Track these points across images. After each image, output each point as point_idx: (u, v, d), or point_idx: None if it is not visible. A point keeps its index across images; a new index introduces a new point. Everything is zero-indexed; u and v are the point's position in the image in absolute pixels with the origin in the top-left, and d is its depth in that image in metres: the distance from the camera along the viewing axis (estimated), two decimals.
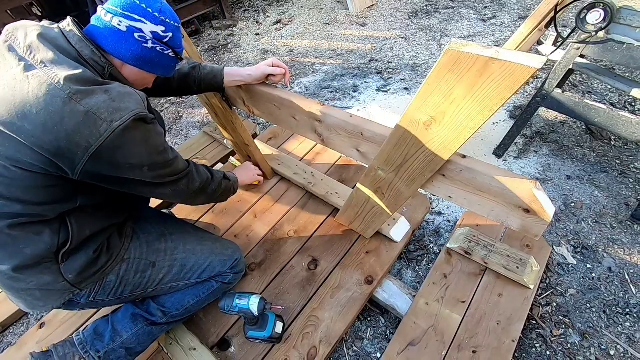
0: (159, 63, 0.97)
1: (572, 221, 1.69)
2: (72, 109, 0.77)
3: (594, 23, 1.33)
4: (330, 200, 1.68)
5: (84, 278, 0.99)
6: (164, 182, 1.00)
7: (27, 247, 0.89)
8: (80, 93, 0.79)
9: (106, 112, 0.80)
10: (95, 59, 0.88)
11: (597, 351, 1.29)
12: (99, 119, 0.79)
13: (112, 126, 0.80)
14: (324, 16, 3.84)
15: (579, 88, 2.40)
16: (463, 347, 1.22)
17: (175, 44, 0.97)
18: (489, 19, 3.22)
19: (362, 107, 2.57)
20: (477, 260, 1.42)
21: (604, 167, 1.90)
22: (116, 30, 0.88)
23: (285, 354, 1.26)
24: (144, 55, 0.93)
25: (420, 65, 2.87)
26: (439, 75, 0.74)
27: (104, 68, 0.90)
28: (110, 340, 1.13)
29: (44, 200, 0.87)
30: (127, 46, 0.90)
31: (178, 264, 1.16)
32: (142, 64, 0.95)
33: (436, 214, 1.80)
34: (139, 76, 0.98)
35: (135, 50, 0.91)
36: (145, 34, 0.90)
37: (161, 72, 1.00)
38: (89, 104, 0.78)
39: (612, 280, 1.47)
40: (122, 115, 0.81)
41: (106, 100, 0.80)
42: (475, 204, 0.93)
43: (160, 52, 0.95)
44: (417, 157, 0.95)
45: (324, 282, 1.44)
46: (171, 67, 1.02)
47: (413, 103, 0.83)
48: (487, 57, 0.65)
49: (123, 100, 0.83)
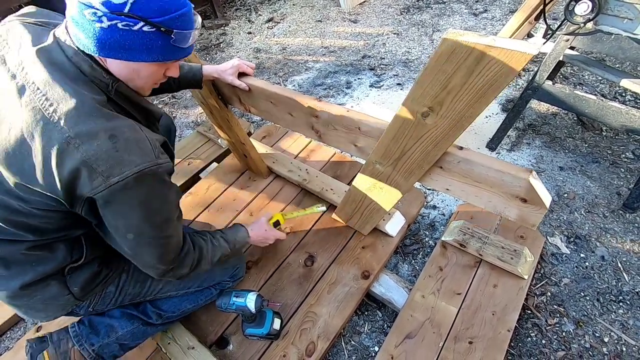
0: (133, 46, 0.70)
1: (565, 211, 1.71)
2: (69, 155, 0.67)
3: (582, 14, 1.33)
4: (325, 196, 1.68)
5: (88, 291, 0.99)
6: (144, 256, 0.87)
7: (39, 264, 0.88)
8: (80, 137, 0.67)
9: (105, 164, 0.68)
10: (96, 74, 0.74)
11: (591, 338, 1.31)
12: (95, 171, 0.68)
13: (107, 182, 0.69)
14: (316, 13, 3.83)
15: (570, 80, 2.41)
16: (459, 338, 1.24)
17: (147, 12, 0.67)
18: (481, 13, 3.23)
19: (355, 104, 2.57)
20: (471, 252, 1.43)
21: (595, 158, 1.92)
22: (72, 16, 0.69)
23: (283, 350, 1.27)
24: (105, 39, 0.69)
25: (413, 60, 2.88)
26: (436, 65, 0.75)
27: (108, 85, 0.76)
28: (106, 335, 1.13)
29: (62, 226, 0.85)
30: (85, 32, 0.69)
31: None
32: (112, 52, 0.71)
33: (431, 208, 1.81)
34: (129, 71, 0.77)
35: (94, 36, 0.68)
36: (95, 7, 0.66)
37: (148, 57, 0.74)
38: (87, 153, 0.67)
39: (605, 269, 1.49)
40: (123, 170, 0.69)
41: (108, 150, 0.68)
42: (473, 195, 0.94)
43: (125, 30, 0.68)
44: (415, 149, 0.95)
45: (320, 278, 1.45)
46: (160, 48, 0.73)
47: (410, 94, 0.84)
48: (484, 45, 0.66)
49: (129, 151, 0.70)
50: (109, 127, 0.70)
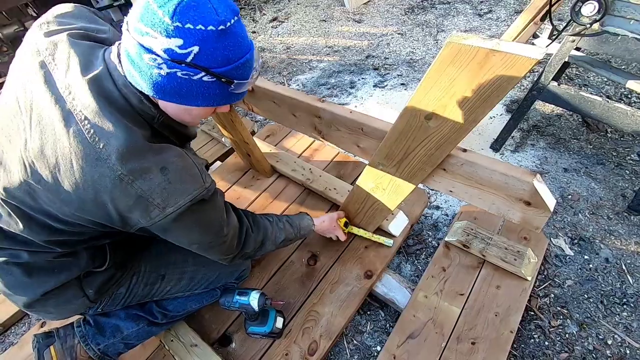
0: (189, 93, 0.68)
1: (569, 213, 1.70)
2: (123, 191, 0.67)
3: (589, 15, 1.33)
4: (328, 195, 1.68)
5: (102, 293, 0.99)
6: (210, 255, 0.95)
7: (62, 272, 0.88)
8: (133, 173, 0.67)
9: (160, 197, 0.70)
10: (144, 108, 0.72)
11: (594, 341, 1.31)
12: (151, 204, 0.70)
13: (164, 212, 0.71)
14: (320, 13, 3.83)
15: (575, 81, 2.40)
16: (462, 338, 1.24)
17: (210, 62, 0.64)
18: (485, 14, 3.22)
19: (359, 103, 2.57)
20: (475, 253, 1.43)
21: (600, 159, 1.91)
22: (128, 52, 0.66)
23: (286, 349, 1.27)
24: (162, 85, 0.66)
25: (417, 60, 2.87)
26: (439, 69, 0.74)
27: (154, 117, 0.75)
28: (111, 336, 1.14)
29: (93, 238, 0.86)
30: (141, 74, 0.66)
31: (187, 277, 1.16)
32: (167, 96, 0.69)
33: (434, 208, 1.81)
34: (180, 111, 0.75)
35: (150, 80, 0.66)
36: (156, 53, 0.62)
37: (203, 103, 0.71)
38: (141, 188, 0.68)
39: (609, 271, 1.48)
40: (178, 200, 0.71)
41: (161, 183, 0.69)
42: (476, 197, 0.94)
43: (184, 79, 0.65)
44: (417, 151, 0.95)
45: (323, 277, 1.45)
46: (217, 95, 0.71)
47: (414, 97, 0.84)
48: (487, 49, 0.65)
49: (181, 181, 0.72)
50: (159, 161, 0.70)
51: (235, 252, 0.98)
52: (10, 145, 0.73)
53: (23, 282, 0.86)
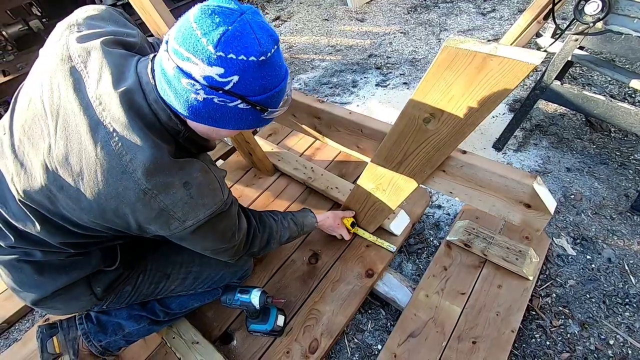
0: (223, 118, 0.68)
1: (572, 213, 1.69)
2: (145, 205, 0.69)
3: (592, 14, 1.32)
4: (330, 194, 1.69)
5: (109, 291, 1.00)
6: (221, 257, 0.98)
7: (73, 270, 0.90)
8: (157, 188, 0.68)
9: (181, 211, 0.72)
10: (171, 124, 0.72)
11: (596, 341, 1.30)
12: (172, 217, 0.72)
13: (184, 225, 0.74)
14: (323, 12, 3.83)
15: (579, 80, 2.39)
16: (463, 338, 1.24)
17: (248, 90, 0.64)
18: (488, 13, 3.21)
19: (361, 103, 2.57)
20: (476, 253, 1.43)
21: (603, 159, 1.90)
22: (165, 72, 0.65)
23: (287, 347, 1.28)
24: (197, 109, 0.66)
25: (420, 60, 2.86)
26: (436, 72, 0.74)
27: (180, 132, 0.75)
28: (113, 334, 1.16)
29: (106, 240, 0.88)
30: (176, 96, 0.65)
31: (191, 277, 1.17)
32: (202, 118, 0.68)
33: (436, 207, 1.81)
34: (210, 131, 0.76)
35: (186, 103, 0.65)
36: (195, 79, 0.61)
37: (234, 127, 0.71)
38: (164, 202, 0.70)
39: (612, 271, 1.47)
40: (198, 215, 0.74)
41: (183, 198, 0.71)
42: (476, 198, 0.94)
43: (220, 105, 0.65)
44: (417, 153, 0.95)
45: (324, 276, 1.46)
46: (250, 121, 0.70)
47: (411, 100, 0.83)
48: (485, 54, 0.64)
49: (202, 196, 0.73)
50: (182, 176, 0.72)
51: (242, 253, 1.01)
52: (32, 149, 0.73)
53: (34, 279, 0.86)
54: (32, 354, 1.35)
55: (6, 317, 1.57)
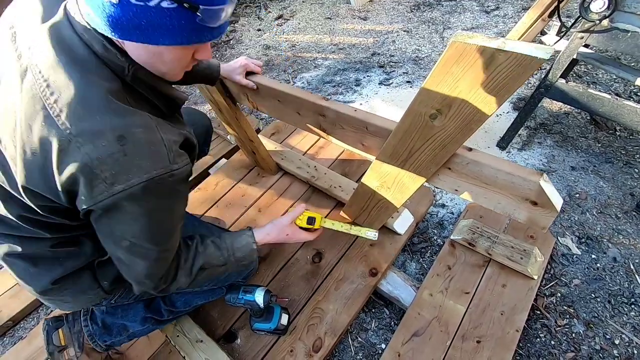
0: (149, 26, 0.58)
1: (577, 212, 1.68)
2: (68, 156, 0.58)
3: (598, 11, 1.31)
4: (333, 193, 1.68)
5: (116, 285, 0.99)
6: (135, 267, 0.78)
7: (68, 260, 0.88)
8: (82, 135, 0.58)
9: (110, 169, 0.59)
10: (109, 56, 0.63)
11: (601, 340, 1.30)
12: (97, 177, 0.59)
13: (111, 190, 0.60)
14: (326, 10, 3.82)
15: (584, 78, 2.37)
16: (467, 337, 1.23)
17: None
18: (492, 11, 3.19)
19: (364, 101, 2.57)
20: (480, 252, 1.42)
21: (608, 158, 1.89)
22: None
23: (290, 345, 1.28)
24: (116, 17, 0.57)
25: (423, 58, 2.85)
26: (444, 68, 0.73)
27: (125, 68, 0.65)
28: (118, 334, 1.17)
29: (81, 225, 0.79)
30: (94, 8, 0.58)
31: None
32: (126, 32, 0.59)
33: (440, 206, 1.80)
34: (149, 55, 0.65)
35: (103, 12, 0.57)
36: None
37: (168, 40, 0.61)
38: (90, 155, 0.58)
39: (617, 270, 1.47)
40: (130, 178, 0.61)
41: (114, 153, 0.59)
42: (482, 196, 0.93)
43: (139, 6, 0.56)
44: (422, 150, 0.94)
45: (328, 275, 1.45)
46: (183, 28, 0.60)
47: (418, 96, 0.83)
48: (493, 49, 0.64)
49: (139, 155, 0.61)
50: (118, 126, 0.60)
51: (157, 282, 0.83)
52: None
53: (30, 271, 0.86)
54: (37, 352, 1.36)
55: (11, 315, 1.57)
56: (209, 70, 1.23)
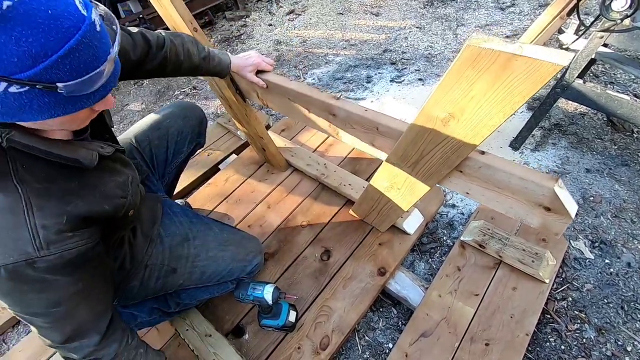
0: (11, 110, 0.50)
1: (591, 215, 1.65)
2: None
3: (620, 10, 1.28)
4: (343, 191, 1.68)
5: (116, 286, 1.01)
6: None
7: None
8: None
9: None
10: None
11: (613, 347, 1.28)
12: None
13: None
14: (338, 6, 3.79)
15: (601, 78, 2.32)
16: (476, 339, 1.22)
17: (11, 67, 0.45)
18: (507, 7, 3.13)
19: (375, 98, 2.55)
20: (491, 254, 1.41)
21: (625, 160, 1.84)
22: None
23: (298, 343, 1.28)
24: None
25: (436, 55, 2.82)
26: (458, 71, 0.72)
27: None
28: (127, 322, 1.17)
29: None
30: None
31: (198, 271, 1.17)
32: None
33: (450, 207, 1.78)
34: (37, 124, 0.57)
35: None
36: None
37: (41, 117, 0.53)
38: None
39: (631, 276, 1.44)
40: None
41: None
42: (494, 200, 0.92)
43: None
44: (434, 153, 0.93)
45: (336, 273, 1.46)
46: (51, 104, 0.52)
47: (431, 98, 0.82)
48: (509, 54, 0.62)
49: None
50: None
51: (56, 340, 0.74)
52: None
53: None
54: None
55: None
56: (220, 67, 1.22)
